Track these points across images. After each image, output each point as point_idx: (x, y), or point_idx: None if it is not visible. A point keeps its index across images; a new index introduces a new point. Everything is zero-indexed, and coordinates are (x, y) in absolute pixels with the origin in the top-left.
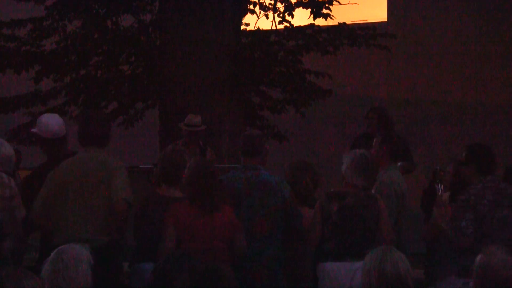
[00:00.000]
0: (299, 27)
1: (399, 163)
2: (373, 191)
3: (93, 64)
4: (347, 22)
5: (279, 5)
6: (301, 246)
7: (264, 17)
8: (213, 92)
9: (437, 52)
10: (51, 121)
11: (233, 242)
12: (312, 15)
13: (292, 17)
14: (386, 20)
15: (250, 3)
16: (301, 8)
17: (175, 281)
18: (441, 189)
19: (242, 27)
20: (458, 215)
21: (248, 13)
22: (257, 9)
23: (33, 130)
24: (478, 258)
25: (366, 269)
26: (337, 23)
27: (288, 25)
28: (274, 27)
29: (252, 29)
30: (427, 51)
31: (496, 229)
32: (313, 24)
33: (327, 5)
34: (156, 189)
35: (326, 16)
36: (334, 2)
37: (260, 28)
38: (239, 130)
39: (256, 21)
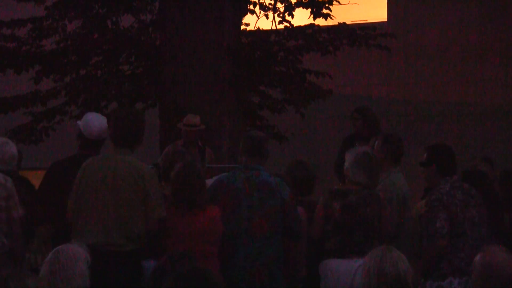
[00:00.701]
0: (299, 27)
1: None
2: (381, 194)
3: (93, 64)
4: (347, 22)
5: (279, 5)
6: (299, 247)
7: (264, 17)
8: (213, 92)
9: (437, 52)
10: (95, 122)
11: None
12: (312, 15)
13: (292, 17)
14: (386, 20)
15: (250, 3)
16: (301, 8)
17: (163, 282)
18: None
19: (242, 27)
20: (431, 216)
21: (248, 13)
22: (257, 9)
23: (79, 122)
24: (478, 257)
25: (366, 268)
26: (337, 23)
27: (288, 25)
28: (274, 27)
29: (252, 29)
30: (427, 51)
31: (466, 229)
32: (313, 24)
33: (327, 5)
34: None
35: (326, 16)
36: (334, 2)
37: (260, 28)
38: (239, 130)
39: (256, 21)
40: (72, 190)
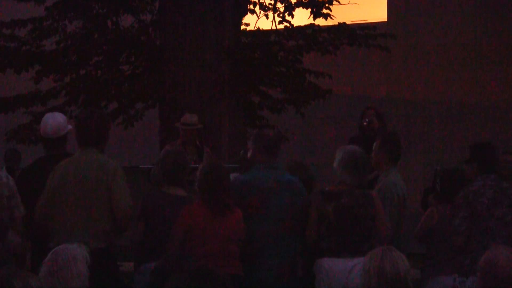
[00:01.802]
0: (299, 27)
1: None
2: (374, 194)
3: (93, 64)
4: (347, 22)
5: (279, 5)
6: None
7: (264, 17)
8: (213, 92)
9: (437, 52)
10: (49, 120)
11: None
12: (312, 15)
13: (292, 17)
14: (386, 20)
15: (250, 3)
16: (301, 8)
17: (167, 282)
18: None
19: (242, 27)
20: (454, 213)
21: (248, 13)
22: (257, 9)
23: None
24: (483, 255)
25: (366, 269)
26: (337, 23)
27: (288, 25)
28: (274, 27)
29: (252, 29)
30: (427, 51)
31: (495, 227)
32: (313, 24)
33: (327, 5)
34: (161, 188)
35: (326, 16)
36: (334, 2)
37: (260, 28)
38: (239, 130)
39: (256, 21)
40: (42, 192)
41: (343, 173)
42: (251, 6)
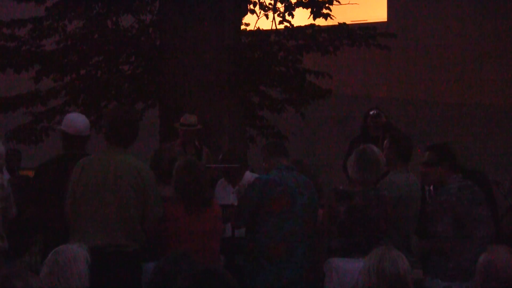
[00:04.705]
0: (299, 27)
1: None
2: (386, 193)
3: (93, 64)
4: (347, 22)
5: (279, 5)
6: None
7: (264, 17)
8: (213, 92)
9: (437, 52)
10: (79, 119)
11: None
12: (312, 15)
13: (292, 17)
14: (386, 20)
15: (250, 3)
16: (301, 8)
17: (175, 281)
18: (430, 189)
19: (242, 27)
20: (436, 217)
21: (248, 13)
22: (257, 9)
23: (59, 127)
24: (481, 257)
25: (366, 268)
26: (337, 23)
27: (288, 25)
28: (274, 27)
29: (252, 29)
30: (427, 51)
31: (474, 228)
32: (313, 24)
33: (327, 5)
34: None
35: (326, 16)
36: (334, 2)
37: (260, 28)
38: (239, 130)
39: (256, 21)
40: (69, 190)
41: (356, 171)
42: (251, 6)
